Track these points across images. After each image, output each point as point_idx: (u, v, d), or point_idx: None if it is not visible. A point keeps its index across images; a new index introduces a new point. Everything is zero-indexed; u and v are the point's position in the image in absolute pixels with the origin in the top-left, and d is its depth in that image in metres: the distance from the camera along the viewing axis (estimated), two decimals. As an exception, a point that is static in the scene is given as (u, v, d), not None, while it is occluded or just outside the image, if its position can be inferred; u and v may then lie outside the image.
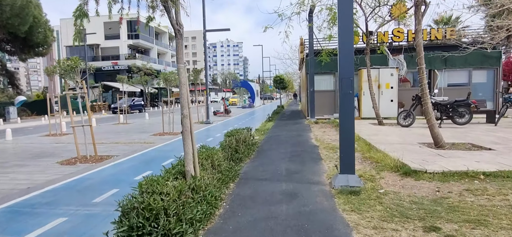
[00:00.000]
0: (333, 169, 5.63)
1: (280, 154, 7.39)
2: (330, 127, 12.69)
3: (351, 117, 4.59)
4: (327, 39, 12.75)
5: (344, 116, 4.61)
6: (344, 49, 4.57)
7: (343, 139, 4.64)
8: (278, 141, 9.48)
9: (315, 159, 6.76)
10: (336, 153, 7.23)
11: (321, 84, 16.71)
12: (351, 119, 4.59)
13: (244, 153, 7.08)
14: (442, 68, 15.36)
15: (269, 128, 13.02)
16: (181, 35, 3.83)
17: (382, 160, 5.88)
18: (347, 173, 4.65)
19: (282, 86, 37.83)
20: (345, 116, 4.60)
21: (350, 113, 4.59)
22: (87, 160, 7.67)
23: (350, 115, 4.59)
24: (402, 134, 9.14)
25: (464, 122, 10.36)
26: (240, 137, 7.42)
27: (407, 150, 6.63)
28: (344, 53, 4.58)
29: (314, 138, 9.81)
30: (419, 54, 7.17)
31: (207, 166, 4.55)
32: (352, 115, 4.59)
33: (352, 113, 4.60)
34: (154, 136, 12.18)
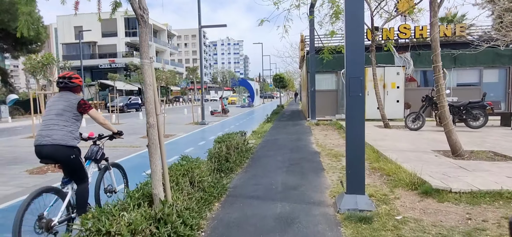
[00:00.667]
0: (338, 185, 4.79)
1: (277, 163, 6.55)
2: (332, 130, 11.84)
3: (361, 125, 3.75)
4: (329, 35, 11.88)
5: (352, 124, 3.77)
6: (352, 43, 3.73)
7: (351, 152, 3.80)
8: (275, 146, 8.64)
9: (316, 169, 5.91)
10: (340, 162, 6.39)
11: (323, 83, 15.85)
12: (360, 128, 3.74)
13: (236, 162, 6.25)
14: (451, 67, 14.49)
15: (267, 130, 12.18)
16: (145, 22, 2.99)
17: (394, 173, 5.03)
18: (355, 193, 3.82)
19: (282, 85, 36.97)
20: (354, 124, 3.76)
21: (360, 120, 3.74)
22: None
23: (359, 123, 3.74)
24: (412, 139, 8.30)
25: (478, 125, 9.51)
26: (232, 143, 6.58)
27: (421, 159, 5.79)
28: (352, 48, 3.74)
29: (315, 143, 8.97)
30: (435, 50, 6.32)
31: (184, 185, 3.71)
32: (361, 122, 3.75)
33: (362, 120, 3.76)
34: (143, 139, 11.34)
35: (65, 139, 3.15)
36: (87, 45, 46.14)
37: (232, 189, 4.85)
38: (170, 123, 17.30)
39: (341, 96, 15.70)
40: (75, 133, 3.32)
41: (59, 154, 3.15)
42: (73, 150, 3.23)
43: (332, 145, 8.54)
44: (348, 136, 3.79)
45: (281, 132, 11.46)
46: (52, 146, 3.10)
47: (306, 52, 16.14)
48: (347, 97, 3.77)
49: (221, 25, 15.84)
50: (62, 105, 3.26)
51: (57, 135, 3.13)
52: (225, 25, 15.77)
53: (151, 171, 3.14)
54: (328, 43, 12.48)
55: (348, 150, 3.82)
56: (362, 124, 3.75)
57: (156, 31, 55.03)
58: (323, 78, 15.80)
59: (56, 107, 3.26)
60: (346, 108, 3.79)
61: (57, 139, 3.12)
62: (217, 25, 15.96)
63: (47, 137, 3.12)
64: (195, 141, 10.67)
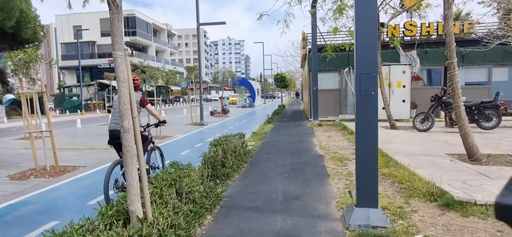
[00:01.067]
0: (345, 194, 4.29)
1: (277, 167, 6.05)
2: (335, 131, 11.33)
3: (373, 129, 3.24)
4: (332, 32, 11.36)
5: (364, 127, 3.26)
6: (363, 34, 3.22)
7: (362, 159, 3.29)
8: (276, 148, 8.14)
9: (320, 175, 5.41)
10: (346, 167, 5.89)
11: (325, 82, 15.33)
12: (373, 132, 3.24)
13: (233, 167, 5.76)
14: (459, 66, 13.92)
15: (267, 131, 11.68)
16: (117, 8, 2.49)
17: (407, 180, 4.53)
18: (367, 207, 3.31)
19: (284, 85, 36.43)
20: (365, 127, 3.25)
21: (372, 123, 3.24)
22: (44, 173, 6.36)
23: (371, 126, 3.24)
24: (422, 141, 7.78)
25: (491, 126, 8.98)
26: (229, 147, 6.09)
27: (436, 165, 5.28)
28: (363, 40, 3.23)
29: (318, 145, 8.46)
30: (450, 46, 5.80)
31: (169, 198, 3.21)
32: (374, 126, 3.25)
33: (375, 123, 3.25)
34: (137, 141, 10.87)
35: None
36: (86, 44, 45.72)
37: (227, 199, 4.36)
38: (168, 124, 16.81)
39: (345, 96, 15.18)
40: (139, 122, 4.03)
41: None
42: (142, 133, 4.22)
43: (336, 147, 8.04)
44: (358, 141, 3.29)
45: (282, 134, 10.96)
46: None
47: (308, 50, 15.62)
48: (357, 96, 3.26)
49: (220, 22, 15.34)
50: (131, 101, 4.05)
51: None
52: (224, 22, 15.29)
53: (127, 185, 2.64)
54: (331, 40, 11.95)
55: (358, 158, 3.31)
56: (374, 127, 3.24)
57: (156, 31, 54.57)
58: (325, 77, 15.29)
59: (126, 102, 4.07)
60: (356, 109, 3.29)
61: None
62: (216, 23, 15.48)
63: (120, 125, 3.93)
64: (192, 143, 10.18)
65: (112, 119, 4.47)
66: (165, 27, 56.96)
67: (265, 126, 13.41)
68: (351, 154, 7.03)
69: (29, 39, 28.14)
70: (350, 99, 15.05)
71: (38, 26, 28.34)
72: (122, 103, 2.56)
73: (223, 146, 5.94)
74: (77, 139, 11.72)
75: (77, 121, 17.06)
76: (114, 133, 4.30)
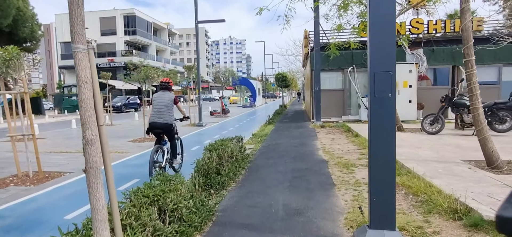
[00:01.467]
0: (354, 208, 3.80)
1: (277, 175, 5.55)
2: (339, 133, 10.82)
3: (391, 138, 2.74)
4: (335, 29, 10.83)
5: (379, 135, 2.76)
6: (379, 23, 2.71)
7: (377, 173, 2.79)
8: (277, 152, 7.64)
9: (325, 184, 4.91)
10: (353, 174, 5.39)
11: (328, 82, 14.81)
12: (390, 141, 2.73)
13: (229, 174, 5.26)
14: (468, 64, 13.38)
15: (268, 133, 11.18)
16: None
17: (424, 192, 4.03)
18: (382, 228, 2.81)
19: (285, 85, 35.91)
20: (380, 135, 2.75)
21: (389, 130, 2.73)
22: (26, 180, 5.89)
23: (388, 135, 2.73)
24: (433, 145, 7.26)
25: (505, 129, 8.45)
26: (225, 152, 5.60)
27: (453, 173, 4.77)
28: (378, 31, 2.72)
29: (321, 148, 7.96)
30: (467, 42, 5.29)
31: (148, 219, 2.72)
32: (391, 134, 2.74)
33: (392, 131, 2.75)
34: (131, 143, 10.39)
35: (169, 120, 5.53)
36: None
37: (221, 213, 3.86)
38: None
39: (348, 96, 14.66)
40: (173, 116, 5.64)
41: (167, 127, 5.54)
42: (172, 125, 5.61)
43: (340, 151, 7.53)
44: (372, 151, 2.78)
45: (283, 136, 10.46)
46: (162, 123, 5.48)
47: (310, 48, 15.11)
48: (371, 98, 2.76)
49: (219, 20, 14.84)
50: (167, 99, 5.59)
51: (166, 117, 5.51)
52: (223, 20, 14.79)
53: (91, 209, 2.15)
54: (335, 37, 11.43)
55: (372, 171, 2.81)
56: (391, 136, 2.73)
57: (156, 30, 54.14)
58: (328, 77, 14.77)
59: (163, 100, 5.56)
60: (370, 114, 2.78)
61: (166, 119, 5.50)
62: (215, 20, 14.99)
63: (160, 119, 5.47)
64: (188, 146, 9.69)
65: (152, 113, 5.60)
66: (166, 26, 56.52)
67: (265, 127, 12.91)
68: (357, 159, 6.53)
69: (27, 38, 27.78)
70: (353, 99, 14.54)
71: (35, 25, 27.96)
72: (83, 108, 2.06)
73: (218, 151, 5.46)
74: (69, 141, 11.26)
75: (72, 122, 16.60)
76: (153, 125, 5.55)
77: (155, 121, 5.50)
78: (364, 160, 6.43)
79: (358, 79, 14.12)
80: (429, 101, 13.36)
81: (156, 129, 5.51)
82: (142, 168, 6.69)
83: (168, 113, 5.55)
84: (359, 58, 14.07)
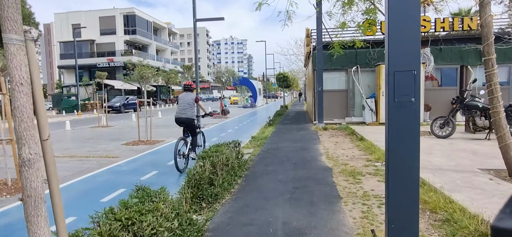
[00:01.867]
0: (365, 230, 3.29)
1: (277, 185, 5.05)
2: (342, 136, 10.31)
3: (415, 151, 2.23)
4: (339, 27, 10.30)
5: (399, 149, 2.25)
6: (400, 10, 2.20)
7: (396, 194, 2.28)
8: (277, 158, 7.14)
9: (329, 197, 4.40)
10: (360, 185, 4.88)
11: (331, 82, 14.30)
12: (414, 156, 2.23)
13: (223, 185, 4.77)
14: (477, 64, 12.86)
15: (268, 136, 10.67)
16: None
17: (444, 209, 3.52)
18: (402, 261, 2.30)
19: (286, 85, 35.38)
20: (402, 149, 2.24)
21: (412, 143, 2.22)
22: (3, 189, 5.40)
23: (412, 148, 2.23)
24: (446, 150, 6.74)
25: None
26: (220, 159, 5.10)
27: (473, 185, 4.26)
28: (399, 20, 2.22)
29: (324, 153, 7.46)
30: (487, 39, 4.79)
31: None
32: (416, 147, 2.23)
33: (416, 144, 2.24)
34: (124, 146, 9.91)
35: (191, 116, 6.54)
36: (85, 43, 44.98)
37: (211, 234, 3.37)
38: (162, 126, 15.90)
39: (352, 97, 14.14)
40: (194, 113, 6.66)
41: (188, 122, 6.54)
42: (193, 120, 6.62)
43: (345, 157, 7.02)
44: (390, 168, 2.27)
45: (284, 139, 9.95)
46: (185, 118, 6.49)
47: (313, 47, 14.59)
48: (390, 103, 2.25)
49: (218, 18, 14.34)
50: (189, 99, 6.57)
51: (188, 113, 6.50)
52: (222, 18, 14.30)
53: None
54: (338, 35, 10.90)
55: (390, 192, 2.30)
56: (416, 150, 2.23)
57: (157, 29, 53.69)
58: (331, 77, 14.25)
59: (186, 100, 6.55)
60: (388, 123, 2.27)
61: (188, 115, 6.50)
62: (214, 19, 14.49)
63: (183, 114, 6.48)
64: (184, 149, 9.19)
65: (177, 110, 6.60)
66: (166, 26, 56.06)
67: (265, 130, 12.41)
68: (363, 167, 6.02)
69: (24, 37, 27.33)
70: (357, 100, 14.02)
71: (32, 24, 27.49)
72: (19, 119, 1.57)
73: (212, 158, 4.96)
74: (59, 144, 10.79)
75: (66, 123, 16.13)
76: (178, 119, 6.60)
77: (179, 116, 6.57)
78: (371, 168, 5.92)
79: (362, 79, 13.61)
80: (436, 102, 12.85)
81: (180, 123, 6.62)
82: (131, 176, 6.20)
83: (190, 110, 6.55)
84: (363, 58, 13.55)
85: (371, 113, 12.86)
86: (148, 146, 9.81)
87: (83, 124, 19.12)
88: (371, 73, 13.60)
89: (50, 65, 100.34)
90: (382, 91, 12.41)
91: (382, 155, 6.60)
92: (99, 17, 45.15)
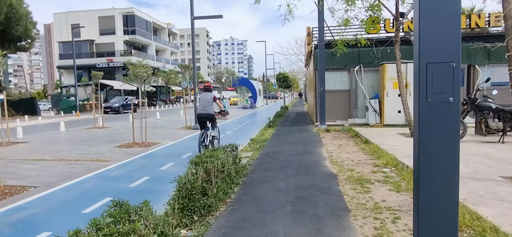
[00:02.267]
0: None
1: (278, 194, 4.58)
2: (346, 138, 9.83)
3: (454, 166, 1.76)
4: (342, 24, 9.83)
5: (434, 161, 1.78)
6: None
7: (428, 214, 1.81)
8: (277, 162, 6.67)
9: (336, 209, 3.93)
10: (369, 195, 4.41)
11: (334, 82, 13.83)
12: (453, 171, 1.76)
13: (218, 195, 4.30)
14: (485, 63, 12.38)
15: (267, 138, 10.20)
16: None
17: (469, 225, 3.05)
18: None
19: (286, 85, 34.89)
20: (438, 165, 1.77)
21: (452, 154, 1.75)
22: (-23, 198, 4.94)
23: (450, 162, 1.76)
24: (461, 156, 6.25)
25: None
26: (215, 165, 4.63)
27: (499, 197, 3.79)
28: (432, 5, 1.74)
29: (328, 158, 6.99)
30: (511, 32, 4.30)
31: None
32: (455, 160, 1.76)
33: (456, 156, 1.77)
34: (118, 149, 9.45)
35: (211, 111, 7.77)
36: (85, 43, 44.55)
37: (200, 256, 2.89)
38: (159, 128, 15.44)
39: (355, 98, 13.67)
40: (213, 109, 7.84)
41: (209, 116, 7.79)
42: (213, 115, 7.85)
43: (350, 162, 6.55)
44: (421, 185, 1.80)
45: (285, 142, 9.48)
46: (206, 113, 7.74)
47: (314, 46, 14.13)
48: (421, 104, 1.78)
49: (217, 16, 13.90)
50: (209, 98, 7.83)
51: (209, 110, 7.76)
52: (221, 16, 13.84)
53: None
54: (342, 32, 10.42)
55: (422, 215, 1.83)
56: (455, 163, 1.76)
57: (156, 30, 53.27)
58: (333, 77, 13.78)
59: (206, 98, 7.81)
60: (417, 130, 1.81)
61: (208, 111, 7.75)
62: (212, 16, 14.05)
63: (204, 111, 7.73)
64: (179, 152, 8.74)
65: (199, 107, 7.87)
66: (166, 26, 55.63)
67: (265, 131, 11.94)
68: (371, 173, 5.55)
69: (21, 36, 26.96)
70: (360, 101, 13.55)
71: (29, 23, 27.11)
72: None
73: (206, 165, 4.48)
74: (51, 146, 10.33)
75: (60, 124, 15.67)
76: (200, 115, 7.76)
77: (201, 112, 7.77)
78: (380, 174, 5.45)
79: (365, 79, 13.13)
80: (443, 103, 12.37)
81: (202, 118, 7.77)
82: (120, 182, 5.73)
83: (209, 106, 7.77)
84: (366, 57, 13.09)
85: (375, 114, 12.38)
86: (143, 148, 9.35)
87: (79, 125, 18.69)
88: (375, 73, 13.13)
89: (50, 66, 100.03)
90: (386, 91, 11.94)
91: (391, 160, 6.13)
92: (98, 17, 44.73)
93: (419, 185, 1.78)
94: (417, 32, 1.75)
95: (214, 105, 8.01)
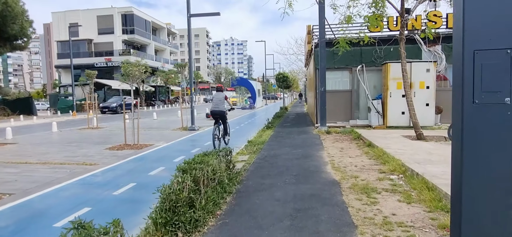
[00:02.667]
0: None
1: (274, 206, 4.10)
2: (348, 141, 9.36)
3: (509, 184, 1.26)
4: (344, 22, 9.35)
5: (486, 176, 1.29)
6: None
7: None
8: (275, 168, 6.19)
9: (340, 225, 3.45)
10: (377, 206, 3.94)
11: (334, 82, 13.37)
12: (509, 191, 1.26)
13: (207, 207, 3.82)
14: (492, 63, 11.90)
15: (265, 140, 9.73)
16: None
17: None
18: None
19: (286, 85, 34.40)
20: (489, 176, 1.28)
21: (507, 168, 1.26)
22: None
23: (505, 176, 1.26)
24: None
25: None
26: (204, 173, 4.16)
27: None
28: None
29: (329, 162, 6.51)
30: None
31: None
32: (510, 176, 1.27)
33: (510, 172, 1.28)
34: (108, 151, 8.97)
35: (223, 109, 8.71)
36: (83, 42, 44.08)
37: (180, 286, 2.41)
38: (155, 128, 14.97)
39: (356, 98, 13.20)
40: (224, 106, 8.81)
41: (221, 113, 8.72)
42: (225, 112, 8.81)
43: (354, 167, 6.07)
44: (464, 216, 1.32)
45: (283, 144, 9.00)
46: (219, 111, 8.68)
47: (314, 45, 13.66)
48: (465, 105, 1.31)
49: (214, 13, 13.45)
50: (221, 97, 8.85)
51: (221, 107, 8.70)
52: (218, 13, 13.39)
53: None
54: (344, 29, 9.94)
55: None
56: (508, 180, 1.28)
57: (156, 29, 52.79)
58: (334, 77, 13.32)
59: (219, 97, 8.85)
60: (460, 136, 1.34)
61: (221, 109, 8.69)
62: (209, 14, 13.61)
63: (217, 108, 8.67)
64: (171, 155, 8.26)
65: (213, 106, 8.82)
66: (165, 26, 55.16)
67: (263, 133, 11.47)
68: (377, 181, 5.07)
69: (17, 35, 26.47)
70: (362, 102, 13.08)
71: (26, 21, 26.63)
72: None
73: (195, 172, 4.01)
74: (38, 148, 9.85)
75: (52, 125, 15.21)
76: (213, 112, 8.71)
77: (214, 109, 8.68)
78: (387, 182, 4.98)
79: (367, 79, 12.67)
80: (448, 104, 11.87)
81: (215, 114, 8.65)
82: (103, 189, 5.25)
83: (222, 104, 8.68)
84: (368, 56, 12.63)
85: (378, 116, 11.92)
86: (134, 151, 8.87)
87: (74, 125, 18.22)
88: (377, 73, 12.66)
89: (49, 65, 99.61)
90: (389, 91, 11.47)
91: (398, 166, 5.65)
92: (97, 16, 44.28)
93: (462, 219, 1.31)
94: (460, 8, 1.28)
95: (225, 103, 8.88)
